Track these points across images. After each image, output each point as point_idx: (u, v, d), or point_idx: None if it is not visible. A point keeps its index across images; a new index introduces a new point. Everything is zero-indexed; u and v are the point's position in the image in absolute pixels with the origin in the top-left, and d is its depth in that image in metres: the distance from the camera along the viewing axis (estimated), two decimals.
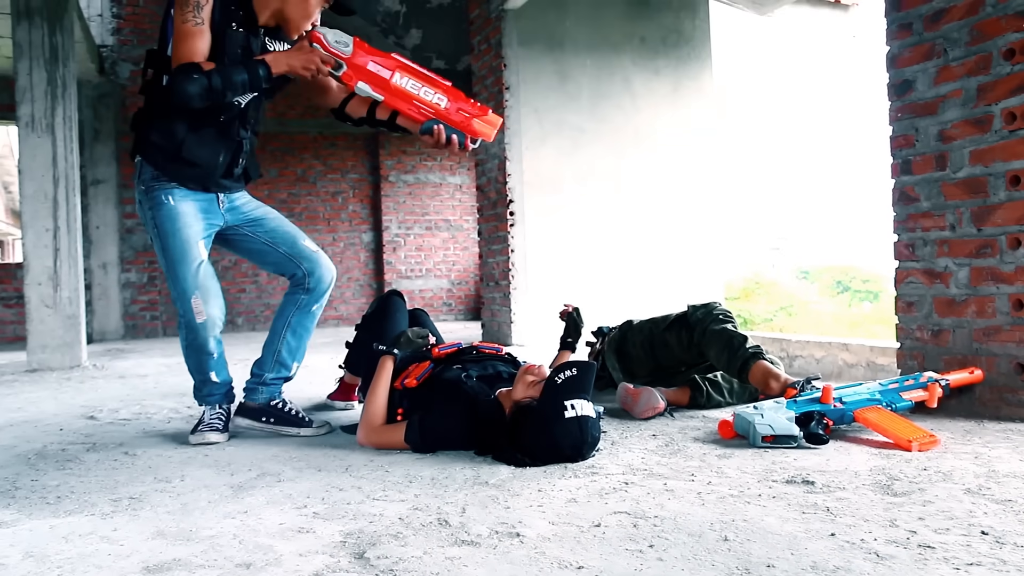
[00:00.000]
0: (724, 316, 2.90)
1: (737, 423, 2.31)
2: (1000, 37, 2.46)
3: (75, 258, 5.27)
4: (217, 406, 2.65)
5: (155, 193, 2.50)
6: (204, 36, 2.35)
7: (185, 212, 2.51)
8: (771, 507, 1.65)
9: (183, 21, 2.33)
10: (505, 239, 5.84)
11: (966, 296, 2.60)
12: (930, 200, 2.71)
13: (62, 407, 3.46)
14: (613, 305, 5.80)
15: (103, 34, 8.24)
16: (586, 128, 5.95)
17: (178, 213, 2.50)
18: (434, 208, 9.73)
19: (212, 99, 2.33)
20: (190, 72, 2.29)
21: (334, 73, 2.36)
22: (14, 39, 5.19)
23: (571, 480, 1.92)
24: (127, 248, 8.34)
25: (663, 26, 6.16)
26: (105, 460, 2.34)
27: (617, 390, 2.92)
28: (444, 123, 2.40)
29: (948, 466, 1.94)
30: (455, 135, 2.42)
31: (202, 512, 1.76)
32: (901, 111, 2.80)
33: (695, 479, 1.90)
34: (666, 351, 3.01)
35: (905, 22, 2.77)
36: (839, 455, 2.10)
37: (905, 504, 1.64)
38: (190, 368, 2.66)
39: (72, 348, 5.23)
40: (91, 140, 8.12)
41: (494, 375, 2.51)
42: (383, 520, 1.64)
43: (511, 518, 1.63)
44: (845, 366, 3.61)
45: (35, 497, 1.93)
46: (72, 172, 5.27)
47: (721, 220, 6.52)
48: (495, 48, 5.94)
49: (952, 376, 2.53)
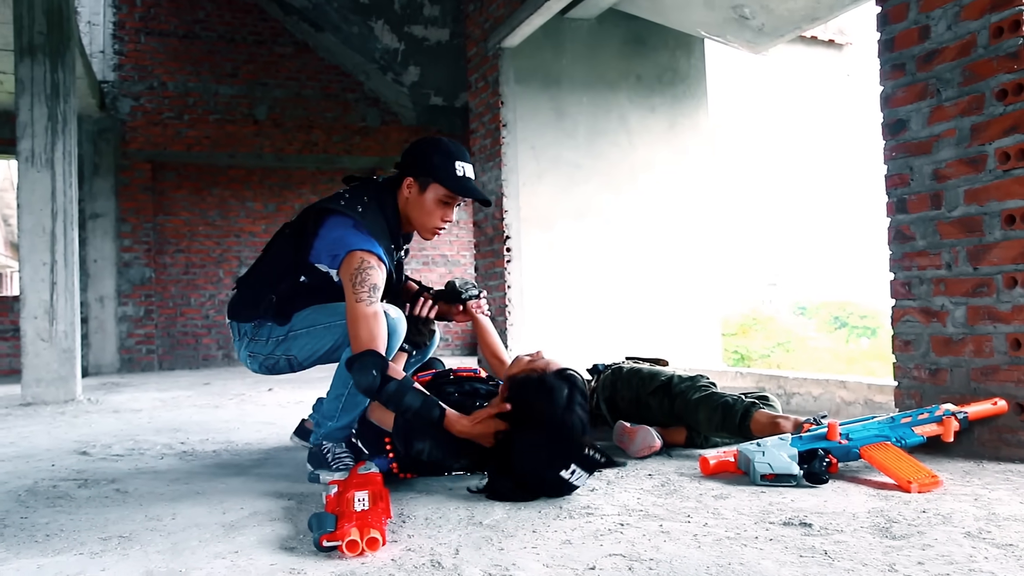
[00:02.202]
0: (708, 386, 2.86)
1: (740, 460, 2.30)
2: (992, 78, 2.48)
3: (71, 292, 5.27)
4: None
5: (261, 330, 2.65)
6: (380, 316, 2.33)
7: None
8: (768, 550, 1.63)
9: (358, 301, 2.30)
10: (502, 275, 5.85)
11: (963, 335, 2.59)
12: (926, 239, 2.71)
13: (55, 442, 3.43)
14: (610, 341, 5.79)
15: (104, 70, 8.32)
16: (582, 165, 5.98)
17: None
18: (431, 243, 9.76)
19: (376, 399, 2.29)
20: (370, 368, 2.23)
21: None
22: (16, 75, 5.23)
23: (566, 521, 1.90)
24: (124, 282, 8.35)
25: (659, 64, 6.22)
26: (96, 497, 2.31)
27: (614, 428, 2.90)
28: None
29: (947, 508, 1.92)
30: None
31: (192, 552, 1.73)
32: (896, 150, 2.82)
33: (691, 520, 1.88)
34: (649, 412, 2.97)
35: (898, 62, 2.80)
36: (837, 496, 2.08)
37: (904, 548, 1.62)
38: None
39: (67, 382, 5.21)
40: (90, 174, 8.17)
41: (471, 392, 2.56)
42: (375, 561, 1.62)
43: (505, 560, 1.60)
44: (843, 404, 3.59)
45: (24, 535, 1.91)
46: (71, 207, 5.29)
47: (718, 256, 6.53)
48: (492, 85, 5.99)
49: (972, 408, 2.43)
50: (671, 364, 3.42)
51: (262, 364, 2.69)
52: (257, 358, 2.68)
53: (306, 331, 2.58)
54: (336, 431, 2.56)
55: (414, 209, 2.55)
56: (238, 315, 2.68)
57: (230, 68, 8.78)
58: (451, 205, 2.56)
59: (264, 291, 2.60)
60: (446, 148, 2.52)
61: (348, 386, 2.49)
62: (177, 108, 8.55)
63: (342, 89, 9.14)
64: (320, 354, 2.62)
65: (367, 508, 1.77)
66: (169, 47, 8.58)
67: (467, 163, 2.53)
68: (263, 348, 2.65)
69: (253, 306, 2.62)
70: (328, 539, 1.64)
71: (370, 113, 9.20)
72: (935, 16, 2.66)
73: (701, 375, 2.96)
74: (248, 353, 2.69)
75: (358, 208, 2.45)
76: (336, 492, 1.91)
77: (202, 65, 8.68)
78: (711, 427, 2.75)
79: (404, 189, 2.54)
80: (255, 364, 2.70)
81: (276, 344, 2.62)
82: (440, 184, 2.49)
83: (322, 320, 2.56)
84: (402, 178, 2.55)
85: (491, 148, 6.01)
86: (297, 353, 2.62)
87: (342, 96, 9.15)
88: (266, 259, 2.69)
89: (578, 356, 5.50)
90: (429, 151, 2.52)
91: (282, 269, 2.58)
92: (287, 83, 8.95)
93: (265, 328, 2.63)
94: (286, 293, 2.57)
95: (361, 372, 2.23)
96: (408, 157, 2.56)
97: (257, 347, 2.65)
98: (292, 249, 2.56)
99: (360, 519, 1.69)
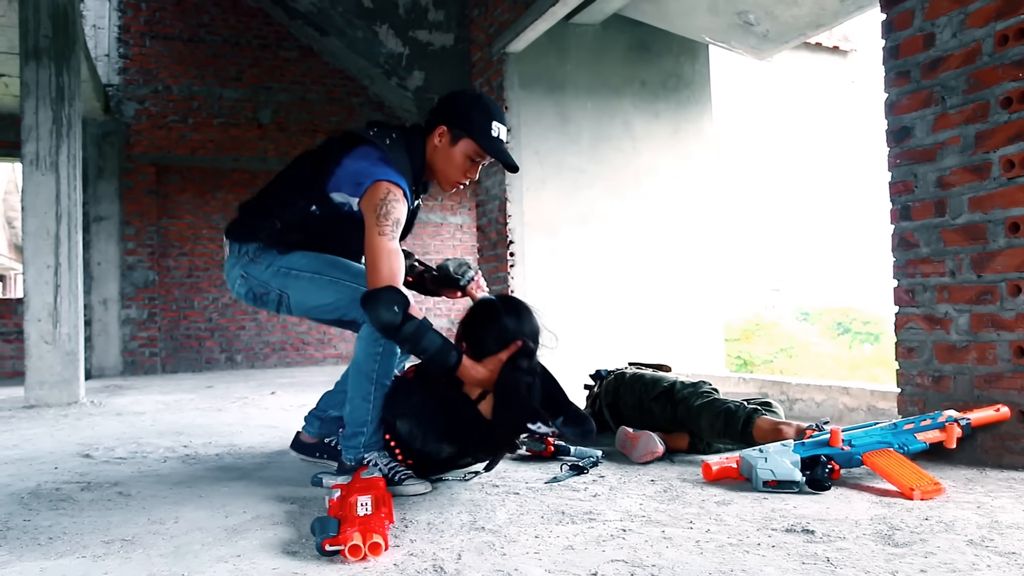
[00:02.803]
0: (710, 392, 2.87)
1: (742, 466, 2.30)
2: (997, 86, 2.48)
3: (75, 295, 5.28)
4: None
5: (264, 255, 2.54)
6: (400, 253, 2.29)
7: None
8: (770, 557, 1.63)
9: (381, 234, 2.24)
10: (505, 280, 5.85)
11: (967, 343, 2.59)
12: (929, 246, 2.71)
13: (58, 445, 3.44)
14: (614, 346, 5.79)
15: (109, 73, 8.35)
16: (586, 170, 5.99)
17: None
18: (435, 247, 9.76)
19: (393, 339, 2.22)
20: (392, 303, 2.15)
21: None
22: (22, 78, 5.25)
23: (568, 526, 1.90)
24: (128, 284, 8.37)
25: (663, 70, 6.23)
26: (99, 500, 2.32)
27: (616, 433, 2.90)
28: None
29: (950, 516, 1.92)
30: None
31: (195, 556, 1.73)
32: (900, 157, 2.82)
33: (694, 527, 1.88)
34: (652, 418, 2.98)
35: (903, 70, 2.80)
36: (840, 503, 2.08)
37: (907, 555, 1.61)
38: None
39: (70, 385, 5.22)
40: (95, 177, 8.19)
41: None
42: (378, 566, 1.62)
43: (507, 565, 1.60)
44: (846, 410, 3.59)
45: (27, 538, 1.91)
46: (75, 209, 5.30)
47: (721, 261, 6.53)
48: (496, 90, 6.00)
49: (975, 415, 2.43)
50: (674, 370, 3.42)
51: (251, 290, 2.55)
52: (249, 281, 2.54)
53: (310, 277, 2.47)
54: (375, 437, 2.39)
55: (441, 159, 2.49)
56: (238, 235, 2.56)
57: (235, 72, 8.80)
58: (478, 163, 2.51)
59: (270, 216, 2.49)
60: (486, 105, 2.48)
61: (375, 381, 2.37)
62: (181, 112, 8.57)
63: (346, 93, 9.16)
64: (314, 307, 2.51)
65: (370, 513, 1.77)
66: (174, 51, 8.60)
67: (503, 125, 2.49)
68: (260, 273, 2.52)
69: (256, 229, 2.52)
70: (331, 543, 1.64)
71: (375, 117, 9.21)
72: (940, 24, 2.66)
73: (703, 381, 2.96)
74: (241, 274, 2.55)
75: (386, 141, 2.40)
76: (339, 496, 1.91)
77: (207, 69, 8.70)
78: (713, 433, 2.75)
79: (435, 137, 2.48)
80: (244, 287, 2.56)
81: (275, 274, 2.50)
82: (473, 140, 2.45)
83: (330, 273, 2.46)
84: (435, 125, 2.49)
85: None
86: (293, 295, 2.49)
87: (346, 100, 9.17)
88: (277, 184, 2.57)
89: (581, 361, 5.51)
90: (469, 105, 2.48)
91: (294, 196, 2.47)
92: (291, 87, 8.97)
93: (268, 254, 2.51)
94: (293, 222, 2.46)
95: (384, 307, 2.15)
96: (446, 106, 2.50)
97: (254, 270, 2.52)
98: (308, 177, 2.46)
99: (363, 524, 1.69)
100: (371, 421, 2.38)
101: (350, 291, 2.40)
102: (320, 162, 2.46)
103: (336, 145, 2.46)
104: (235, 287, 2.60)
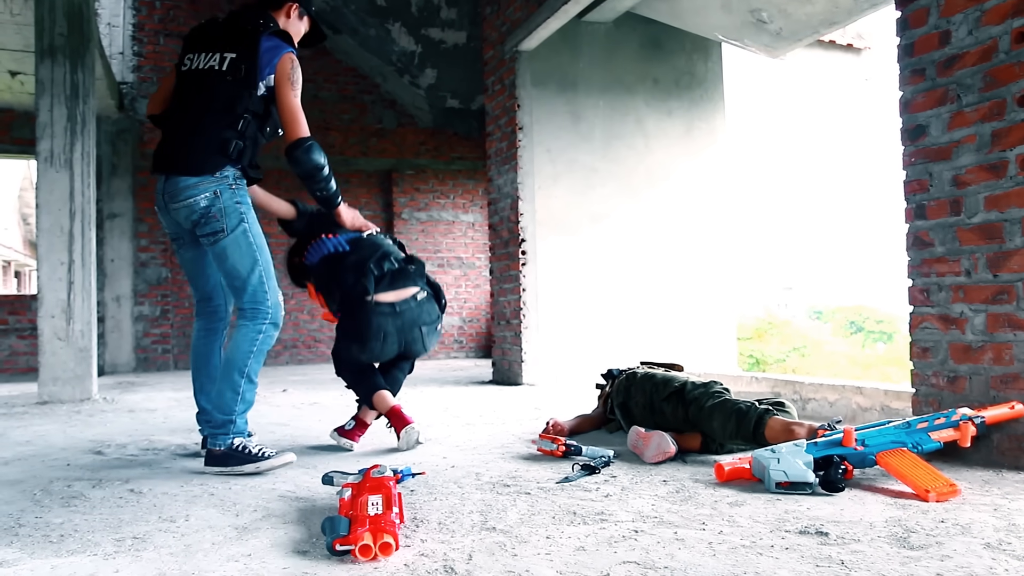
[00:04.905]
0: (721, 392, 2.85)
1: (755, 467, 2.28)
2: (1014, 83, 2.45)
3: (88, 291, 5.30)
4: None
5: (241, 191, 2.75)
6: None
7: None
8: (784, 559, 1.61)
9: (296, 96, 2.74)
10: (517, 278, 5.84)
11: (982, 343, 2.56)
12: (945, 245, 2.69)
13: (70, 441, 3.45)
14: (626, 344, 5.77)
15: (123, 71, 8.38)
16: (599, 168, 5.97)
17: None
18: (446, 245, 9.76)
19: (318, 176, 2.76)
20: (320, 150, 2.77)
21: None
22: (37, 76, 5.28)
23: (580, 527, 1.89)
24: (140, 281, 8.40)
25: (676, 68, 6.21)
26: (110, 497, 2.32)
27: (628, 433, 2.89)
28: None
29: (966, 518, 1.90)
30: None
31: (205, 554, 1.73)
32: (915, 156, 2.79)
33: (706, 528, 1.86)
34: (663, 418, 2.96)
35: (918, 67, 2.77)
36: (854, 504, 2.06)
37: (922, 559, 1.60)
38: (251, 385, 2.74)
39: (83, 381, 5.24)
40: (108, 175, 8.22)
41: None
42: (388, 566, 1.61)
43: (518, 566, 1.60)
44: (859, 410, 3.56)
45: (38, 535, 1.91)
46: (88, 207, 5.32)
47: (734, 260, 6.50)
48: (509, 89, 5.99)
49: (989, 412, 2.40)
50: (686, 369, 3.41)
51: (210, 207, 2.69)
52: (217, 201, 2.68)
53: (253, 246, 2.72)
54: (242, 424, 2.68)
55: (293, 30, 2.97)
56: (204, 167, 2.67)
57: None
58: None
59: (225, 135, 2.68)
60: None
61: (245, 375, 2.65)
62: None
63: (359, 91, 9.17)
64: (233, 264, 2.69)
65: (380, 512, 1.77)
66: None
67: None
68: (229, 200, 2.70)
69: (220, 152, 2.68)
70: (341, 543, 1.64)
71: (386, 115, 9.22)
72: (956, 21, 2.63)
73: (715, 381, 2.95)
74: (215, 191, 2.68)
75: (271, 25, 2.80)
76: (350, 496, 1.90)
77: None
78: (725, 434, 2.73)
79: (287, 13, 2.94)
80: (207, 203, 2.69)
81: (237, 215, 2.71)
82: (311, 18, 3.07)
83: (263, 257, 2.74)
84: (283, 3, 2.93)
85: (507, 151, 6.01)
86: (231, 240, 2.69)
87: (359, 98, 9.17)
88: (205, 102, 2.72)
89: (593, 359, 5.50)
90: None
91: (237, 109, 2.70)
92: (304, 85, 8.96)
93: (243, 191, 2.75)
94: (251, 135, 2.75)
95: (318, 152, 2.73)
96: None
97: (228, 195, 2.70)
98: (240, 84, 2.70)
99: (373, 523, 1.69)
100: (239, 412, 2.67)
101: (260, 282, 2.70)
102: (244, 64, 2.71)
103: (248, 36, 2.74)
104: (196, 202, 2.69)
